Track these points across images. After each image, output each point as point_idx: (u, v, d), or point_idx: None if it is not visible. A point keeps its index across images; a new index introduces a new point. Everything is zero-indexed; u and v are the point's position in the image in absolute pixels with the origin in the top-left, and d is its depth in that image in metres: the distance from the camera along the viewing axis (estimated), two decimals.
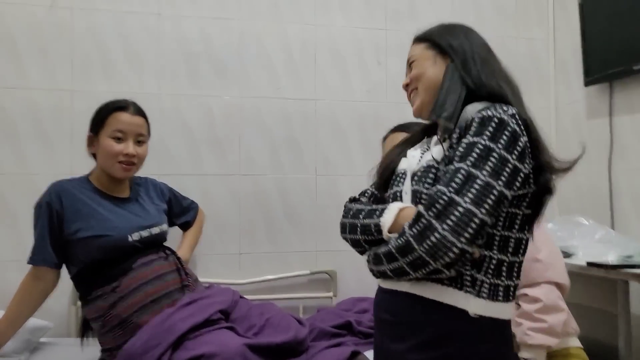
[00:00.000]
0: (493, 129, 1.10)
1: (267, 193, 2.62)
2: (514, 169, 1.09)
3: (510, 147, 1.09)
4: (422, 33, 1.41)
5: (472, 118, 1.14)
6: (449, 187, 1.07)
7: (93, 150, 1.90)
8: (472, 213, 1.04)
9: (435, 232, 1.05)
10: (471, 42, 1.32)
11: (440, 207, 1.06)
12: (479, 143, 1.10)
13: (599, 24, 2.53)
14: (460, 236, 1.04)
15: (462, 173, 1.08)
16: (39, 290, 1.82)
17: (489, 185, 1.06)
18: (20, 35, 2.38)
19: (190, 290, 1.89)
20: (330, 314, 2.25)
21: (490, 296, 1.13)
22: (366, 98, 2.74)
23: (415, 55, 1.38)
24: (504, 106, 1.14)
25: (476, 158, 1.08)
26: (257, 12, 2.64)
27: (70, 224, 1.78)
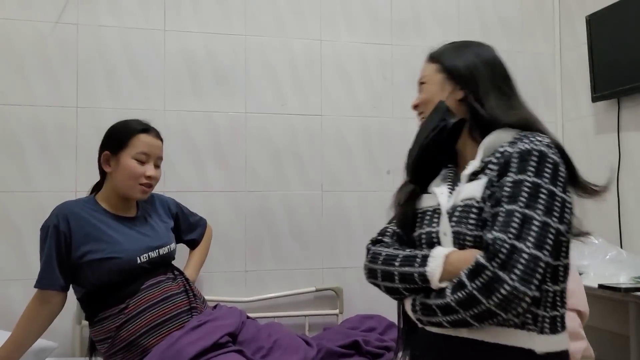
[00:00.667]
0: (536, 163, 1.07)
1: (272, 209, 2.60)
2: (562, 201, 1.06)
3: (554, 179, 1.07)
4: (434, 52, 1.37)
5: (510, 153, 1.10)
6: (507, 233, 1.02)
7: (108, 169, 1.87)
8: (537, 258, 1.00)
9: (504, 284, 0.99)
10: (485, 68, 1.27)
11: (504, 257, 1.00)
12: (525, 181, 1.06)
13: (606, 39, 2.52)
14: (530, 284, 0.99)
15: (517, 216, 1.03)
16: (46, 314, 1.80)
17: (546, 224, 1.02)
18: (25, 52, 2.37)
19: (198, 312, 1.87)
20: (337, 333, 2.23)
21: (552, 330, 1.09)
22: (372, 113, 2.72)
23: (426, 77, 1.35)
24: (537, 136, 1.12)
25: (527, 197, 1.04)
26: (262, 27, 2.63)
27: (79, 247, 1.76)
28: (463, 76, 1.27)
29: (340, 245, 2.66)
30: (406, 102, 2.71)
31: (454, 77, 1.28)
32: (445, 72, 1.30)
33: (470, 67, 1.27)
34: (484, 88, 1.23)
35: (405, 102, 2.74)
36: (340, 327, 2.34)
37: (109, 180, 1.89)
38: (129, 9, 2.48)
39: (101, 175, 1.93)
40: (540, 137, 1.12)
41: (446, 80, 1.29)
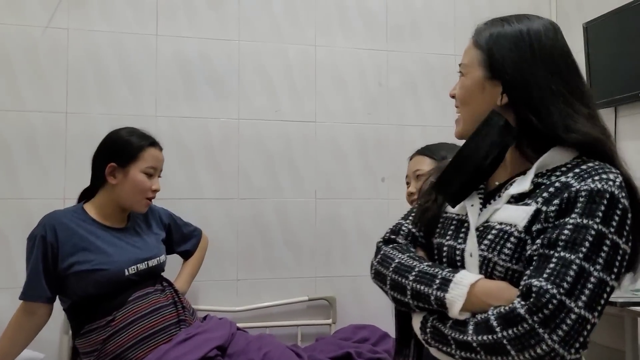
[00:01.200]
0: (605, 208, 0.91)
1: (265, 217, 2.56)
2: (622, 254, 0.92)
3: (621, 229, 0.92)
4: (479, 31, 1.10)
5: (576, 190, 0.94)
6: (559, 286, 0.88)
7: (114, 181, 1.82)
8: (586, 320, 0.87)
9: (542, 342, 0.86)
10: (546, 66, 1.02)
11: (549, 313, 0.87)
12: (591, 228, 0.90)
13: (604, 48, 2.49)
14: (571, 348, 0.87)
15: (574, 269, 0.89)
16: (31, 326, 1.77)
17: (603, 282, 0.89)
18: (15, 56, 2.33)
19: (187, 325, 1.84)
20: (329, 344, 2.20)
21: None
22: (367, 120, 2.69)
23: (466, 66, 1.11)
24: (609, 172, 0.95)
25: (589, 248, 0.89)
26: (256, 32, 2.59)
27: (66, 257, 1.73)
28: (510, 79, 1.03)
29: (334, 254, 2.62)
30: (402, 109, 2.72)
31: (498, 77, 1.04)
32: (489, 68, 1.06)
33: (522, 66, 1.02)
34: (540, 92, 1.00)
35: (401, 109, 2.74)
36: (333, 337, 2.30)
37: (109, 191, 1.85)
38: (121, 14, 2.45)
39: (94, 183, 1.89)
40: (613, 174, 0.95)
41: (487, 79, 1.06)
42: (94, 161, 1.87)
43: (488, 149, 1.02)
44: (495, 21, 1.09)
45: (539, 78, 1.01)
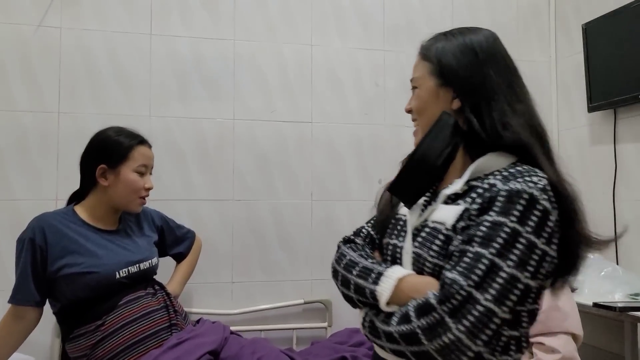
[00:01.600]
0: (523, 208, 0.95)
1: (260, 219, 2.53)
2: (542, 255, 0.95)
3: (539, 229, 0.94)
4: (425, 46, 1.17)
5: (498, 190, 0.98)
6: (468, 279, 0.92)
7: (105, 183, 1.79)
8: (492, 313, 0.90)
9: (448, 331, 0.91)
10: (487, 66, 1.08)
11: (457, 303, 0.91)
12: (505, 225, 0.94)
13: (603, 49, 2.46)
14: (476, 339, 0.90)
15: (485, 263, 0.92)
16: (20, 330, 1.73)
17: (514, 278, 0.92)
18: (6, 55, 2.30)
19: (179, 329, 1.80)
20: (325, 348, 2.17)
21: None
22: (363, 121, 2.66)
23: (418, 79, 1.17)
24: (533, 176, 0.98)
25: (502, 245, 0.93)
26: (251, 32, 2.56)
27: (55, 260, 1.69)
28: (461, 83, 1.09)
29: (330, 256, 2.53)
30: (398, 110, 2.68)
31: (449, 84, 1.11)
32: (440, 76, 1.12)
33: (470, 70, 1.08)
34: (485, 96, 1.06)
35: (398, 110, 2.70)
36: (328, 341, 2.27)
37: (101, 192, 1.81)
38: (114, 13, 2.41)
39: (84, 185, 1.86)
40: (537, 177, 0.98)
41: (441, 87, 1.12)
42: (82, 163, 1.84)
43: (439, 149, 1.07)
44: (439, 36, 1.17)
45: (486, 77, 1.07)
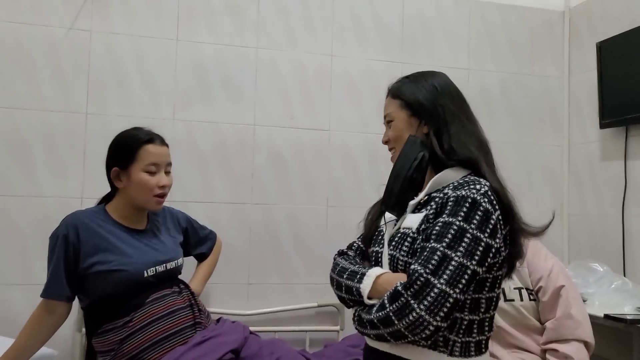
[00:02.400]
0: (467, 209, 1.17)
1: (277, 223, 2.60)
2: (486, 247, 1.16)
3: (482, 226, 1.16)
4: (394, 87, 1.43)
5: (448, 196, 1.20)
6: (426, 267, 1.14)
7: (121, 185, 1.85)
8: (447, 294, 1.11)
9: (412, 311, 1.12)
10: (445, 98, 1.35)
11: (418, 288, 1.12)
12: (453, 224, 1.16)
13: (617, 68, 2.53)
14: (435, 315, 1.11)
15: (438, 254, 1.14)
16: (51, 324, 1.79)
17: (463, 266, 1.13)
18: (37, 56, 2.37)
19: (202, 328, 1.86)
20: (338, 351, 2.22)
21: (462, 353, 1.21)
22: (380, 130, 2.70)
23: (391, 114, 1.41)
24: (477, 184, 1.21)
25: (451, 239, 1.15)
26: (273, 40, 2.64)
27: (87, 257, 1.75)
28: (426, 111, 1.34)
29: None
30: None
31: (417, 113, 1.35)
32: (409, 108, 1.37)
33: (431, 100, 1.34)
34: (444, 122, 1.31)
35: None
36: (341, 344, 2.33)
37: (123, 193, 1.87)
38: (142, 18, 2.48)
39: (112, 187, 1.92)
40: (480, 185, 1.21)
41: (411, 117, 1.36)
42: (106, 166, 1.89)
43: (409, 162, 1.29)
44: (403, 79, 1.43)
45: (444, 107, 1.33)
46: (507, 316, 1.77)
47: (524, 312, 1.76)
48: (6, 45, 2.34)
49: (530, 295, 1.78)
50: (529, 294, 1.78)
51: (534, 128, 2.93)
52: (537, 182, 2.93)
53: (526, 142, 2.92)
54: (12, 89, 2.34)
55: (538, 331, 1.77)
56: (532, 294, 1.79)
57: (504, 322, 1.77)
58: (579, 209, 2.84)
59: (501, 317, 1.76)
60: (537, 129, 2.94)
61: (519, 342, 1.76)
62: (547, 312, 1.74)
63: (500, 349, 1.74)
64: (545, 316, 1.74)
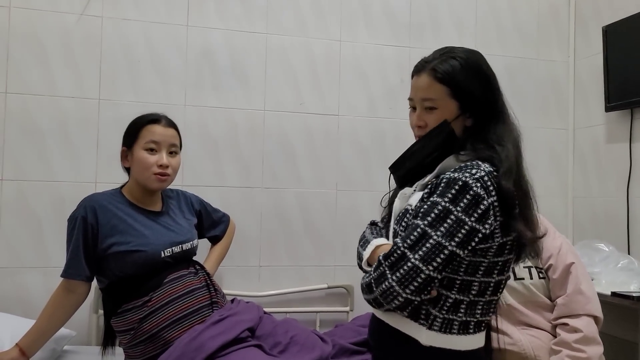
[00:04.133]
0: (455, 192, 1.19)
1: (287, 207, 2.64)
2: (470, 230, 1.18)
3: (469, 209, 1.18)
4: (443, 71, 1.31)
5: (442, 177, 1.23)
6: (405, 242, 1.19)
7: (127, 164, 1.91)
8: (419, 269, 1.16)
9: (386, 280, 1.19)
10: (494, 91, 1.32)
11: (394, 260, 1.19)
12: (439, 204, 1.19)
13: (622, 51, 2.56)
14: (405, 288, 1.17)
15: (418, 231, 1.19)
16: (71, 303, 1.83)
17: (440, 245, 1.17)
18: (50, 43, 2.40)
19: (219, 307, 1.91)
20: (349, 330, 2.25)
21: (442, 329, 1.25)
22: (388, 115, 2.76)
23: (437, 102, 1.32)
24: (474, 168, 1.21)
25: (433, 218, 1.19)
26: (283, 26, 2.66)
27: (105, 238, 1.79)
28: (478, 107, 1.30)
29: (353, 244, 2.63)
30: None
31: (468, 107, 1.30)
32: (460, 99, 1.30)
33: (484, 95, 1.31)
34: (489, 118, 1.30)
35: None
36: (352, 324, 2.36)
37: (131, 174, 1.93)
38: (153, 4, 2.51)
39: (126, 171, 1.97)
40: (477, 169, 1.21)
41: (459, 107, 1.31)
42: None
43: (431, 150, 1.31)
44: (446, 56, 1.33)
45: (493, 101, 1.31)
46: (517, 294, 1.81)
47: (534, 290, 1.81)
48: (19, 32, 2.36)
49: (539, 274, 1.82)
50: (539, 273, 1.82)
51: (540, 112, 2.96)
52: (542, 165, 2.96)
53: (532, 126, 2.95)
54: (25, 75, 2.37)
55: (547, 308, 1.81)
56: (542, 272, 1.83)
57: (514, 300, 1.81)
58: (584, 192, 2.87)
59: (511, 295, 1.81)
60: (543, 113, 2.97)
61: (528, 319, 1.81)
62: (557, 289, 1.78)
63: (510, 326, 1.78)
64: (556, 293, 1.79)
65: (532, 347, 1.74)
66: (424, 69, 1.34)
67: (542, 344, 1.75)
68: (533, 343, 1.75)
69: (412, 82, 1.39)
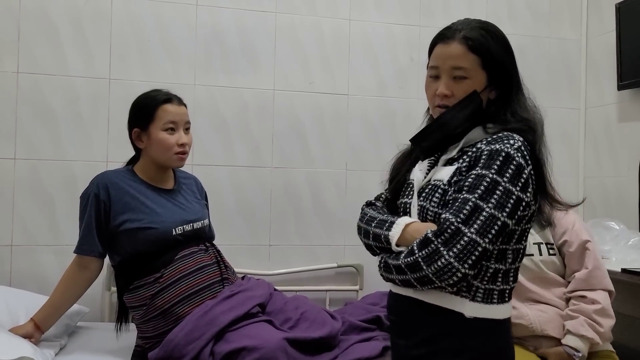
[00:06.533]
0: (500, 163, 1.18)
1: (297, 186, 2.65)
2: (517, 200, 1.18)
3: (514, 179, 1.18)
4: (476, 40, 1.27)
5: (482, 150, 1.21)
6: (457, 217, 1.16)
7: (142, 145, 1.91)
8: (476, 243, 1.14)
9: (442, 257, 1.14)
10: (515, 64, 1.32)
11: (448, 236, 1.15)
12: (487, 176, 1.18)
13: (636, 28, 2.52)
14: (464, 263, 1.14)
15: (470, 205, 1.16)
16: (84, 279, 1.86)
17: (493, 217, 1.15)
18: (60, 23, 2.41)
19: (230, 283, 1.93)
20: (359, 308, 2.28)
21: (485, 300, 1.23)
22: (398, 94, 2.75)
23: (468, 70, 1.28)
24: (511, 139, 1.21)
25: (483, 191, 1.17)
26: (292, 5, 2.65)
27: (117, 215, 1.81)
28: (506, 79, 1.29)
29: None
30: None
31: (497, 79, 1.29)
32: (491, 70, 1.28)
33: (513, 67, 1.31)
34: (515, 91, 1.30)
35: None
36: (362, 302, 2.39)
37: (145, 154, 1.93)
38: None
39: (135, 149, 1.97)
40: (514, 139, 1.21)
41: (488, 78, 1.28)
42: (128, 128, 1.95)
43: (461, 120, 1.27)
44: (477, 27, 1.30)
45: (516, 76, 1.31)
46: (526, 270, 1.82)
47: (543, 266, 1.82)
48: (30, 12, 2.37)
49: (549, 250, 1.83)
50: (549, 249, 1.83)
51: (551, 91, 2.93)
52: (553, 144, 2.86)
53: (543, 105, 2.86)
54: (37, 55, 2.38)
55: (556, 284, 1.83)
56: (552, 248, 1.84)
57: (522, 276, 1.82)
58: (595, 171, 2.86)
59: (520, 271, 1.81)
60: (555, 92, 2.94)
61: (537, 295, 1.82)
62: (574, 264, 1.82)
63: (518, 302, 1.79)
64: (573, 267, 1.82)
65: (539, 320, 1.77)
66: (454, 37, 1.28)
67: (549, 317, 1.78)
68: (540, 317, 1.77)
69: (437, 50, 1.32)
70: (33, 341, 1.78)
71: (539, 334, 1.78)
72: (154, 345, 1.84)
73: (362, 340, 2.01)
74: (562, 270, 1.86)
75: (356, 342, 1.98)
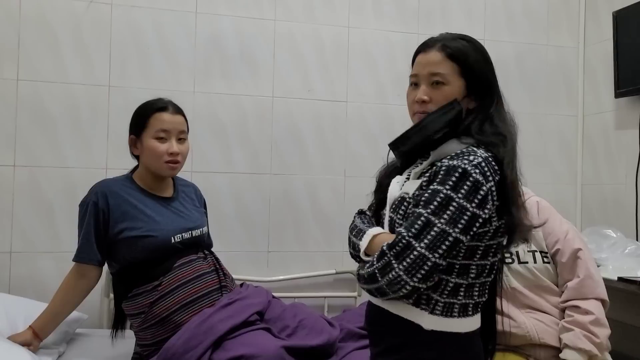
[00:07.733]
0: (456, 179, 1.19)
1: (296, 193, 2.66)
2: (472, 216, 1.18)
3: (470, 195, 1.18)
4: (455, 49, 1.31)
5: (442, 165, 1.22)
6: (409, 231, 1.19)
7: (137, 152, 1.92)
8: (425, 257, 1.16)
9: (393, 270, 1.18)
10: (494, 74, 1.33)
11: (399, 249, 1.18)
12: (441, 192, 1.19)
13: (633, 36, 2.54)
14: (412, 277, 1.17)
15: (422, 220, 1.18)
16: (83, 287, 1.87)
17: (444, 232, 1.17)
18: (60, 30, 2.42)
19: (228, 291, 1.93)
20: (356, 315, 2.28)
21: (444, 313, 1.25)
22: (397, 102, 2.76)
23: (446, 77, 1.30)
24: (472, 155, 1.21)
25: (436, 206, 1.18)
26: (291, 12, 2.66)
27: (116, 224, 1.82)
28: (484, 88, 1.31)
29: None
30: None
31: (476, 88, 1.30)
32: (469, 78, 1.30)
33: (491, 77, 1.32)
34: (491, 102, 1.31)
35: None
36: (359, 309, 2.39)
37: (141, 162, 1.95)
38: None
39: (135, 158, 1.99)
40: (475, 155, 1.21)
41: (466, 87, 1.30)
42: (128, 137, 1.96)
43: (440, 125, 1.27)
44: (457, 38, 1.34)
45: (496, 85, 1.33)
46: (521, 278, 1.82)
47: (538, 274, 1.82)
48: (30, 20, 2.38)
49: (544, 258, 1.84)
50: (543, 257, 1.84)
51: (549, 98, 2.95)
52: (551, 151, 2.96)
53: (541, 112, 2.94)
54: (36, 62, 2.39)
55: (551, 292, 1.83)
56: (547, 256, 1.84)
57: (518, 283, 1.82)
58: (593, 178, 2.87)
59: (515, 278, 1.82)
60: (552, 99, 2.96)
61: (532, 302, 1.82)
62: (566, 273, 1.81)
63: (514, 310, 1.80)
64: (565, 277, 1.81)
65: (536, 329, 1.77)
66: (434, 46, 1.33)
67: (545, 326, 1.78)
68: (537, 326, 1.78)
69: (417, 59, 1.38)
70: (32, 349, 1.79)
71: (537, 343, 1.79)
72: (152, 352, 1.84)
73: (360, 348, 2.01)
74: (556, 279, 1.86)
75: (354, 349, 1.98)
